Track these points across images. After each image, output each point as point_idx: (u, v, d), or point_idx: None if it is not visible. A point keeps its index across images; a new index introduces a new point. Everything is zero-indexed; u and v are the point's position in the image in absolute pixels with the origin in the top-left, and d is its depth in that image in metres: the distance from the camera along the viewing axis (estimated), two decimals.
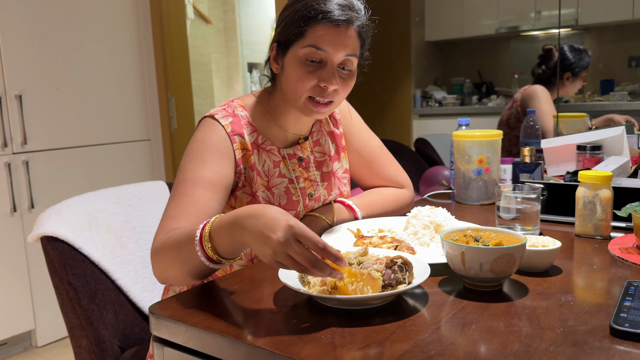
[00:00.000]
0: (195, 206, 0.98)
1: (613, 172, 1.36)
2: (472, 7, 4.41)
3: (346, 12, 1.03)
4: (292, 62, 1.06)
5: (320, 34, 1.02)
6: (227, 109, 1.13)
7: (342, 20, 1.02)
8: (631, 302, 0.72)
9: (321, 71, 1.05)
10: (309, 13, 1.02)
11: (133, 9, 2.91)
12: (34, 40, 2.47)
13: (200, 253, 0.82)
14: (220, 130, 1.08)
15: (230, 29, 5.59)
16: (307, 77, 1.04)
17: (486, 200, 1.45)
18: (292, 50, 1.06)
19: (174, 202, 1.00)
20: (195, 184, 1.00)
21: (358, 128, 1.32)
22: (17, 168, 2.43)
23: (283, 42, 1.08)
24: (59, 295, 1.19)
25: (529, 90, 2.65)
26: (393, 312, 0.76)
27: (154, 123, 3.07)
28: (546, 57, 2.65)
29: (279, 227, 0.73)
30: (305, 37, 1.03)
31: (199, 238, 0.83)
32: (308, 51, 1.03)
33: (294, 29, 1.04)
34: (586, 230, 1.10)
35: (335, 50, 1.03)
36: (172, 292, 1.23)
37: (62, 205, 1.28)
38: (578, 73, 2.62)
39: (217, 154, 1.05)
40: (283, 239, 0.73)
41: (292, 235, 0.73)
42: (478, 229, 0.92)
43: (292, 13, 1.05)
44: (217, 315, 0.77)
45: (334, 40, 1.03)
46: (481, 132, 1.44)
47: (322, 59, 1.04)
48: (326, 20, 1.02)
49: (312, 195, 1.20)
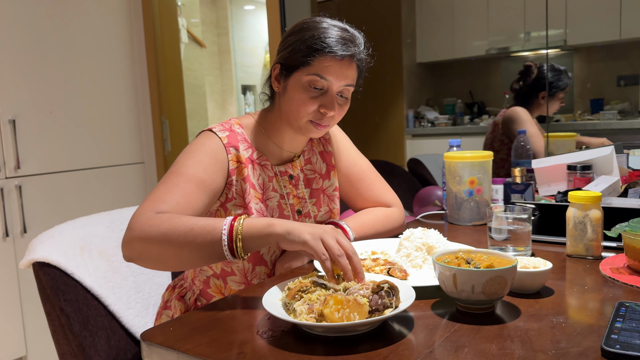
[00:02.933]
0: (186, 199, 1.02)
1: (603, 192, 1.37)
2: (463, 29, 4.48)
3: (350, 48, 1.10)
4: (295, 86, 1.12)
5: (325, 65, 1.09)
6: (224, 125, 1.18)
7: (345, 55, 1.09)
8: (622, 323, 0.73)
9: (322, 97, 1.11)
10: (315, 45, 1.09)
11: (127, 34, 2.94)
12: (28, 64, 2.49)
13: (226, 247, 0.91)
14: (217, 140, 1.13)
15: (224, 52, 5.64)
16: (309, 102, 1.11)
17: (478, 220, 1.46)
18: (297, 75, 1.11)
19: (164, 188, 1.03)
20: (189, 180, 1.04)
21: (346, 148, 1.35)
22: (10, 193, 2.42)
23: (287, 65, 1.13)
24: (51, 322, 1.18)
25: (509, 112, 2.65)
26: (382, 337, 0.76)
27: (148, 146, 3.07)
28: (525, 74, 2.68)
29: (328, 226, 0.93)
30: (311, 66, 1.10)
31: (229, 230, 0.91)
32: (312, 79, 1.10)
33: (301, 56, 1.10)
34: (577, 251, 1.10)
35: (337, 80, 1.10)
36: (165, 317, 1.22)
37: (54, 230, 1.28)
38: (554, 93, 2.63)
39: (213, 160, 1.10)
40: (330, 228, 0.91)
41: (341, 232, 0.91)
42: (470, 251, 0.92)
43: (299, 41, 1.11)
44: (209, 341, 0.77)
45: (337, 71, 1.10)
46: (472, 153, 1.45)
47: (324, 87, 1.11)
48: (332, 54, 1.08)
49: (300, 212, 1.24)
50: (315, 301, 0.78)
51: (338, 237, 0.89)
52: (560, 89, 2.64)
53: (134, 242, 0.95)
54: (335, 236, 0.89)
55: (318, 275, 0.87)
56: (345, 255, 0.87)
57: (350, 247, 0.88)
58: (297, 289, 0.82)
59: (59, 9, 2.60)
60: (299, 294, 0.81)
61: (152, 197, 1.01)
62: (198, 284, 1.20)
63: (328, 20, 1.13)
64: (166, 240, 0.92)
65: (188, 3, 4.50)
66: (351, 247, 0.89)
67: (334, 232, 0.90)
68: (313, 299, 0.79)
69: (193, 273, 1.22)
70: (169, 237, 0.92)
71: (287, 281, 0.89)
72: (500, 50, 4.35)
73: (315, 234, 0.89)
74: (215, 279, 1.18)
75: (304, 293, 0.81)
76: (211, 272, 1.18)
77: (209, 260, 0.95)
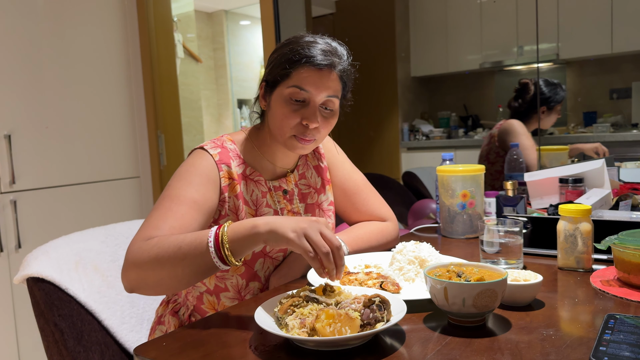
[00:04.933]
0: (179, 222, 1.01)
1: (595, 205, 1.39)
2: (456, 43, 4.53)
3: (328, 57, 1.10)
4: (278, 101, 1.12)
5: (304, 76, 1.09)
6: (216, 141, 1.18)
7: (324, 65, 1.09)
8: (611, 335, 0.73)
9: (304, 110, 1.11)
10: (294, 57, 1.09)
11: (123, 49, 2.96)
12: (23, 79, 2.50)
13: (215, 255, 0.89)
14: (208, 158, 1.13)
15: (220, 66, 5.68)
16: (291, 115, 1.11)
17: (471, 233, 1.47)
18: (279, 89, 1.12)
19: (157, 213, 1.03)
20: (181, 202, 1.04)
21: (341, 162, 1.36)
22: (5, 208, 2.42)
23: (271, 82, 1.14)
24: (45, 337, 1.18)
25: (505, 125, 2.69)
26: (374, 351, 0.76)
27: (144, 160, 3.08)
28: (522, 91, 2.72)
29: (310, 218, 0.90)
30: (290, 78, 1.10)
31: (214, 238, 0.90)
32: (292, 91, 1.10)
33: (281, 70, 1.11)
34: (568, 263, 1.11)
35: (318, 91, 1.10)
36: (159, 332, 1.22)
37: (49, 245, 1.28)
38: (553, 107, 2.68)
39: (205, 178, 1.10)
40: (316, 220, 0.89)
41: (323, 222, 0.89)
42: (461, 264, 0.93)
43: (280, 56, 1.12)
44: (202, 356, 0.77)
45: (317, 82, 1.09)
46: (464, 166, 1.46)
47: (305, 99, 1.10)
48: (310, 64, 1.08)
49: None
50: (307, 315, 0.78)
51: (322, 229, 0.88)
52: (558, 102, 2.69)
53: (129, 272, 0.95)
54: (319, 229, 0.87)
55: (310, 289, 0.88)
56: (331, 250, 0.86)
57: (335, 240, 0.87)
58: (290, 304, 0.83)
59: (55, 24, 2.62)
60: (291, 309, 0.82)
61: (145, 225, 1.01)
62: (192, 299, 1.20)
63: (311, 35, 1.14)
64: (158, 264, 0.92)
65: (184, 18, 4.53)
66: (336, 240, 0.87)
67: (318, 225, 0.88)
68: (305, 313, 0.79)
69: (187, 289, 1.22)
70: (159, 260, 0.92)
71: (279, 295, 0.89)
72: (494, 64, 4.40)
73: (298, 230, 0.87)
74: (208, 295, 1.18)
75: (296, 307, 0.82)
76: (204, 288, 1.18)
77: (203, 274, 0.94)
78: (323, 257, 0.86)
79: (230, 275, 1.15)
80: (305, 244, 0.86)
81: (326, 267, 0.86)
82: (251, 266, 1.16)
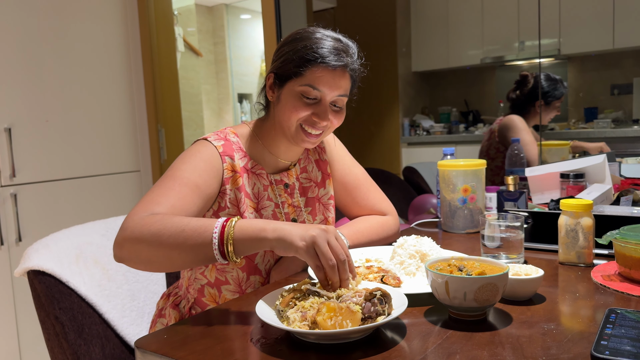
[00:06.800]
0: (180, 202, 1.01)
1: (595, 200, 1.38)
2: (458, 38, 4.51)
3: (342, 57, 1.10)
4: (288, 95, 1.12)
5: (318, 76, 1.09)
6: (219, 134, 1.18)
7: (338, 65, 1.09)
8: (612, 330, 0.73)
9: (315, 106, 1.12)
10: (308, 55, 1.09)
11: (123, 43, 2.95)
12: (23, 72, 2.49)
13: (216, 249, 0.89)
14: (212, 148, 1.13)
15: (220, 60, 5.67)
16: (302, 109, 1.11)
17: (472, 228, 1.47)
18: (290, 84, 1.12)
19: (159, 190, 1.02)
20: (184, 184, 1.04)
21: (341, 156, 1.36)
22: (5, 201, 2.42)
23: (281, 75, 1.14)
24: (45, 330, 1.18)
25: (506, 120, 2.69)
26: (375, 345, 0.76)
27: (144, 154, 3.08)
28: (521, 83, 2.72)
29: (319, 226, 0.88)
30: (304, 77, 1.10)
31: (220, 232, 0.89)
32: (305, 89, 1.10)
33: (293, 67, 1.11)
34: (569, 258, 1.11)
35: (330, 90, 1.10)
36: (159, 325, 1.22)
37: (49, 238, 1.28)
38: (551, 102, 2.68)
39: (209, 165, 1.11)
40: (325, 229, 0.87)
41: (332, 231, 0.88)
42: (462, 259, 0.93)
43: (292, 51, 1.11)
44: (203, 349, 0.77)
45: (330, 82, 1.10)
46: (465, 161, 1.46)
47: (317, 97, 1.11)
48: (324, 65, 1.09)
49: (295, 220, 1.24)
50: (309, 309, 0.78)
51: (330, 239, 0.87)
52: (557, 97, 2.68)
53: (125, 243, 0.94)
54: (328, 239, 0.86)
55: (311, 282, 0.88)
56: (337, 263, 0.85)
57: (342, 251, 0.86)
58: (291, 297, 0.83)
59: (55, 18, 2.62)
60: (292, 302, 0.82)
61: (147, 199, 1.00)
62: (192, 292, 1.20)
63: (322, 31, 1.14)
64: (157, 241, 0.91)
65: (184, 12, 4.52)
66: (342, 251, 0.87)
67: (327, 235, 0.87)
68: (306, 306, 0.79)
69: (187, 281, 1.22)
70: (159, 238, 0.91)
71: (280, 289, 0.89)
72: (495, 60, 4.39)
73: (307, 240, 0.86)
74: (209, 288, 1.18)
75: (297, 300, 0.82)
76: (205, 280, 1.18)
77: (198, 262, 0.93)
78: (328, 270, 0.85)
79: (230, 269, 1.16)
80: (312, 255, 0.85)
81: (330, 280, 0.86)
82: (252, 259, 1.16)
